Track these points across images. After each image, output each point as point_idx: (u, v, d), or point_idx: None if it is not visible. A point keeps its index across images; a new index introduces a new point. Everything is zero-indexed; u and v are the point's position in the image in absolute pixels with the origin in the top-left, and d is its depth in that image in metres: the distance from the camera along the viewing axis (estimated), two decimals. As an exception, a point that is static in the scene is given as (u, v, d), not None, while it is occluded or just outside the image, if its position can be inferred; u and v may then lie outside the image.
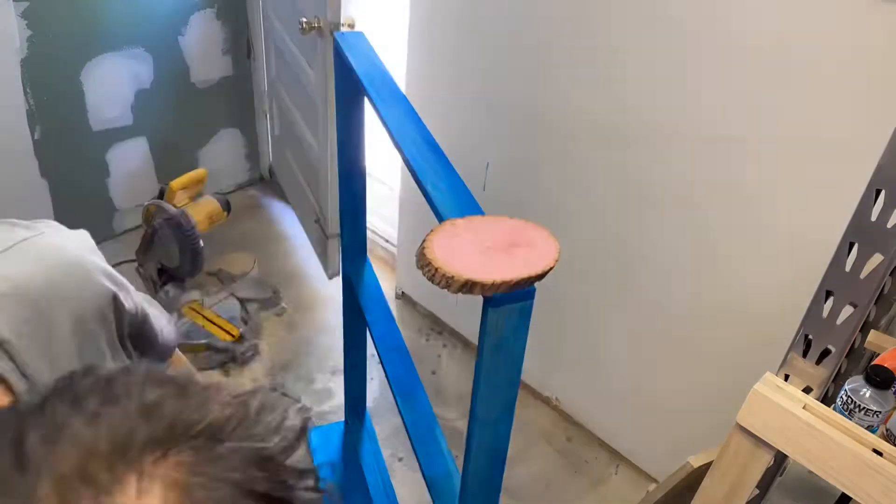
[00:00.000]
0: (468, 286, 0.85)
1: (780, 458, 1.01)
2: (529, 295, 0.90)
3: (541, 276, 0.88)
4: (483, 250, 0.91)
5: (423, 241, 0.92)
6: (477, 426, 1.03)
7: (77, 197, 2.56)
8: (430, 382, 2.31)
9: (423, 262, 0.88)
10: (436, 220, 1.00)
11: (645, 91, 1.62)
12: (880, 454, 0.83)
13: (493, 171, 2.05)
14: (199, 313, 2.38)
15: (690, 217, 1.66)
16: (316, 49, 2.11)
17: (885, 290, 1.00)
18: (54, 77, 2.34)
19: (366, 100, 1.37)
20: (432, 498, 1.32)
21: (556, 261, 0.89)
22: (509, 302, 0.89)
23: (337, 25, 1.97)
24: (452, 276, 0.85)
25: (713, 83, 1.49)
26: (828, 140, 1.37)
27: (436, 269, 0.86)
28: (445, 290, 0.86)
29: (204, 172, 2.65)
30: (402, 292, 2.65)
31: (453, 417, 2.20)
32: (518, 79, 1.87)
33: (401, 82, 1.40)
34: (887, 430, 0.92)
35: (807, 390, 0.97)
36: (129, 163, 2.67)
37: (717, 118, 1.52)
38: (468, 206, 1.03)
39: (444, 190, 1.06)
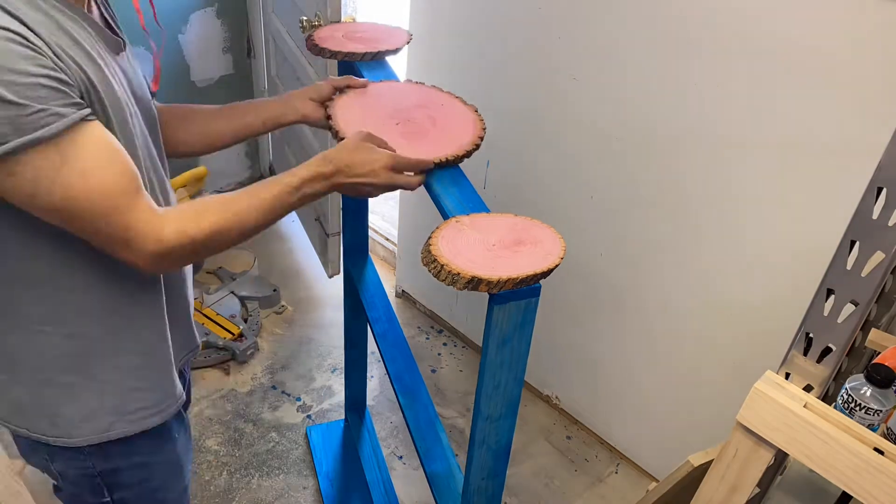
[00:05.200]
0: (474, 283, 0.85)
1: (781, 457, 1.01)
2: (535, 292, 0.90)
3: (546, 274, 0.88)
4: (489, 247, 0.91)
5: (429, 237, 0.92)
6: (481, 422, 1.04)
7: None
8: (429, 380, 2.31)
9: (429, 259, 0.89)
10: (437, 219, 1.00)
11: (645, 92, 1.62)
12: (881, 453, 0.83)
13: (494, 169, 2.06)
14: (199, 311, 2.38)
15: (691, 217, 1.66)
16: (317, 47, 2.10)
17: (886, 289, 1.00)
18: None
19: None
20: (434, 495, 1.32)
21: (562, 258, 0.89)
22: (515, 299, 0.90)
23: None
24: (458, 273, 0.85)
25: (713, 84, 1.50)
26: (829, 139, 1.38)
27: (441, 266, 0.87)
28: (451, 286, 0.87)
29: (204, 170, 2.66)
30: (402, 291, 2.66)
31: (453, 415, 2.20)
32: (518, 78, 1.87)
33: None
34: (888, 428, 0.92)
35: (807, 389, 0.98)
36: (130, 161, 2.67)
37: (717, 118, 1.52)
38: (473, 203, 1.03)
39: (449, 187, 1.07)
